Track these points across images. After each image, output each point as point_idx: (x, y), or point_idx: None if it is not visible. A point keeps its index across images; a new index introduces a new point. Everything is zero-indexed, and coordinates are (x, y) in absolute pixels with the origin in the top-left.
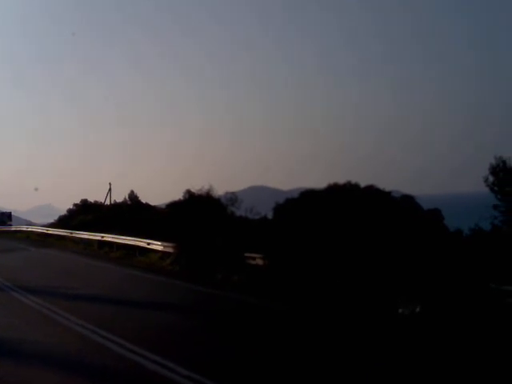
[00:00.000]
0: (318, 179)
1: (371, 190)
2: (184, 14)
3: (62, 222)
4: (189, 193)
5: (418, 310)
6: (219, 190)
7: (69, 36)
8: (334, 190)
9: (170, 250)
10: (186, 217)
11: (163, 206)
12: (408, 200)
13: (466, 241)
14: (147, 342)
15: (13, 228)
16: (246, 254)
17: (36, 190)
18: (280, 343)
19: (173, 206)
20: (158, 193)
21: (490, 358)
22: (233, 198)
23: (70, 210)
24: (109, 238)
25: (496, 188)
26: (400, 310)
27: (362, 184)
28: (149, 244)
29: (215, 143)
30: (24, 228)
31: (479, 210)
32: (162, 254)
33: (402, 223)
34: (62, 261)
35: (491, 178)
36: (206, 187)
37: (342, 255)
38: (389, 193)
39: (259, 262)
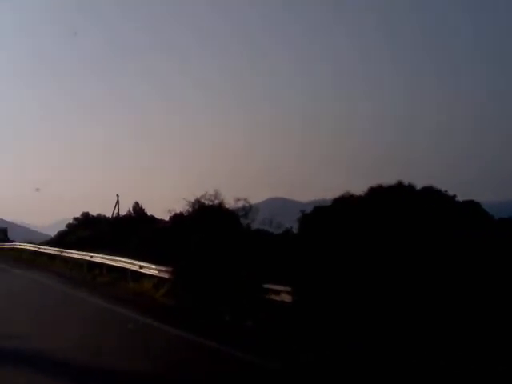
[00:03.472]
0: (339, 190)
1: (430, 191)
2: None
3: (60, 238)
4: (198, 202)
5: None
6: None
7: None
8: (378, 193)
9: (165, 275)
10: (189, 232)
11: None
12: (472, 207)
13: None
14: None
15: (6, 246)
16: (267, 286)
17: (37, 190)
18: None
19: (176, 219)
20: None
21: None
22: (246, 206)
23: (69, 225)
24: (98, 258)
25: None
26: None
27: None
28: (141, 267)
29: (229, 153)
30: (18, 245)
31: None
32: (158, 281)
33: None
34: (33, 289)
35: None
36: (212, 194)
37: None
38: (453, 196)
39: (285, 297)
